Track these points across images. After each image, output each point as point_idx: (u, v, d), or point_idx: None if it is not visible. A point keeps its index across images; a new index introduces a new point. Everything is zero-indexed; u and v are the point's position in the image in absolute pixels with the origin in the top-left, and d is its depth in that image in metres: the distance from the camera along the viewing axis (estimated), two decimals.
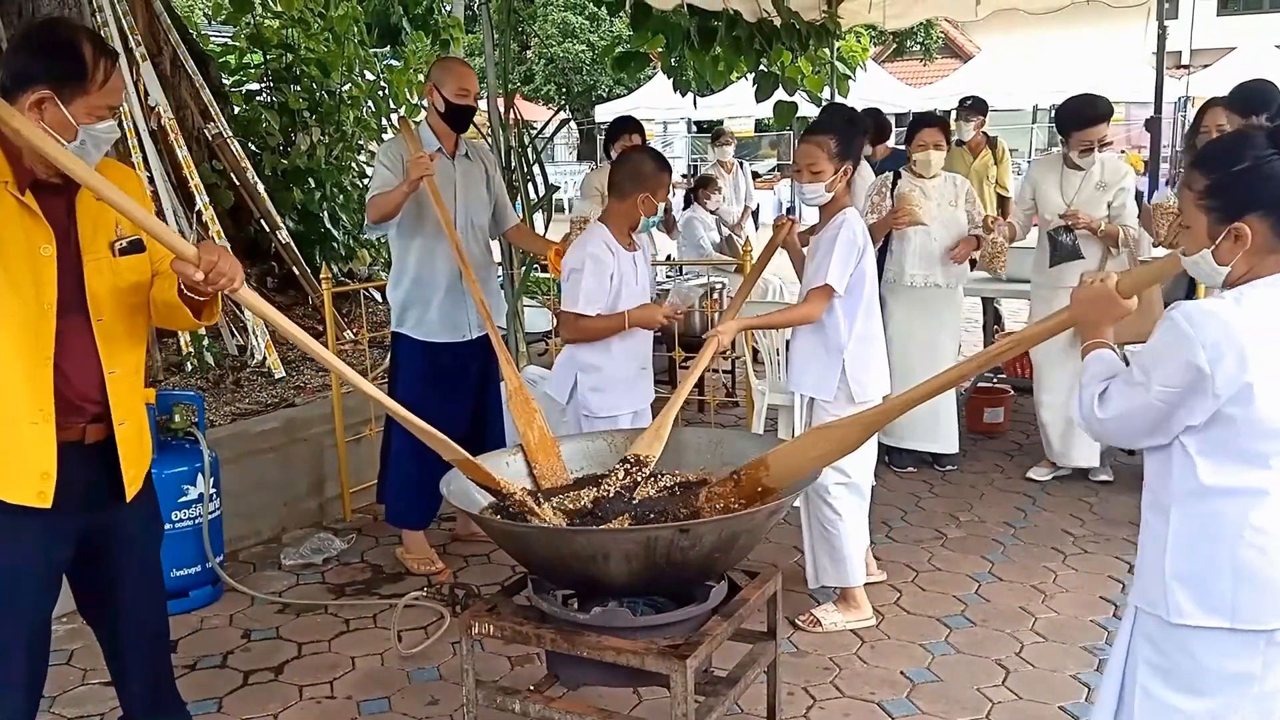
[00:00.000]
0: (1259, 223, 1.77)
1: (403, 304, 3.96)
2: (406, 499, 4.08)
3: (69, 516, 2.16)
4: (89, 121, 2.04)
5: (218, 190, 5.93)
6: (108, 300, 2.17)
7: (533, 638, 2.45)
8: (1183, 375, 1.75)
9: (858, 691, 3.15)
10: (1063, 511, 4.61)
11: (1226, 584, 1.79)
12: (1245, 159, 1.78)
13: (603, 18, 24.95)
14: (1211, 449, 1.79)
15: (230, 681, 3.28)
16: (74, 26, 2.22)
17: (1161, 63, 10.89)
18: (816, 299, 3.34)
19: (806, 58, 6.95)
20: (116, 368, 2.20)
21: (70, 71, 2.02)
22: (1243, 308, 1.75)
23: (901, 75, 23.29)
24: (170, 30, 6.08)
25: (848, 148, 3.35)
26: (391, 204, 3.73)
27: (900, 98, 20.26)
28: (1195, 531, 1.82)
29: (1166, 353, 1.78)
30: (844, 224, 3.33)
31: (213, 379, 5.25)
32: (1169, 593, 1.84)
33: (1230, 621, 1.79)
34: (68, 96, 2.01)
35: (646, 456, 2.84)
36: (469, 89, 3.90)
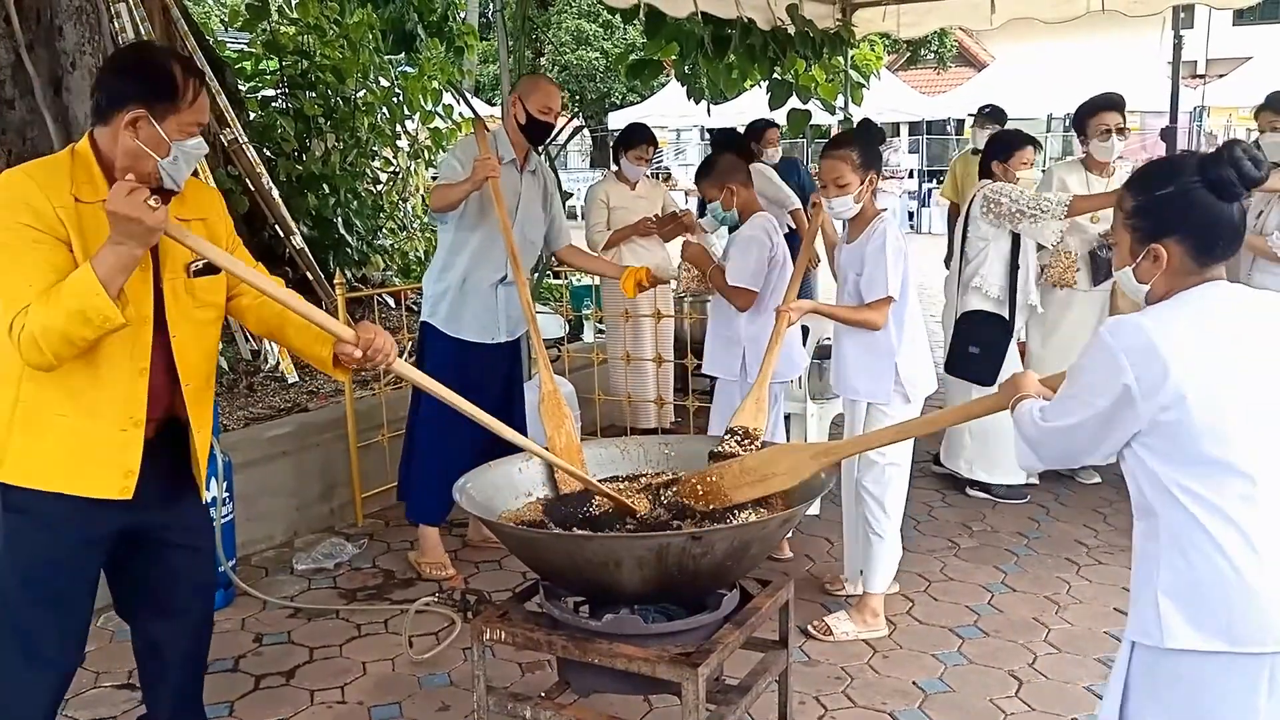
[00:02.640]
0: (1176, 246, 1.81)
1: (440, 297, 4.00)
2: (429, 493, 4.07)
3: (128, 509, 2.22)
4: (180, 138, 2.13)
5: (233, 195, 5.95)
6: (182, 318, 2.26)
7: (544, 644, 2.45)
8: (1111, 386, 1.78)
9: (869, 701, 3.13)
10: (1076, 522, 4.58)
11: (1219, 604, 1.74)
12: (1171, 184, 1.83)
13: (616, 25, 25.00)
14: (1174, 461, 1.78)
15: (242, 686, 3.29)
16: (163, 49, 2.36)
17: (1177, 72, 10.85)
18: (881, 309, 3.37)
19: (820, 66, 6.95)
20: (191, 380, 2.30)
21: (162, 90, 2.10)
22: (1163, 319, 1.79)
23: (915, 84, 23.25)
24: (187, 37, 6.11)
25: (870, 157, 3.40)
26: (454, 197, 3.80)
27: (914, 106, 20.25)
28: (1181, 553, 1.78)
29: (1094, 366, 1.83)
30: (885, 231, 3.38)
31: (226, 383, 5.27)
32: (1161, 616, 1.78)
33: (1229, 645, 1.74)
34: (160, 114, 2.10)
35: (755, 429, 2.95)
36: (552, 107, 4.00)
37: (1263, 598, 1.73)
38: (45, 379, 2.10)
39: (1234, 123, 19.80)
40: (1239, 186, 1.78)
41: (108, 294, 1.95)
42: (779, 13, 6.17)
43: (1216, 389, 1.74)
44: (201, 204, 2.36)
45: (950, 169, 7.86)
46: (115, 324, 1.98)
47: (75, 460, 2.16)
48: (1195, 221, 1.81)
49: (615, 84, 25.77)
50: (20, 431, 2.14)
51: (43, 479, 2.16)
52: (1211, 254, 1.82)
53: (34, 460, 2.15)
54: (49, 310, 1.96)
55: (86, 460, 2.16)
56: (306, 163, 6.85)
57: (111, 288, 1.96)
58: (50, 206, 2.03)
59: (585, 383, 5.54)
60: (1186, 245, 1.81)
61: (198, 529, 2.49)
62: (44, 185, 2.05)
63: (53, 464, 2.15)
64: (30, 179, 2.07)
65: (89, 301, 1.94)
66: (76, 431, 2.15)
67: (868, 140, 3.51)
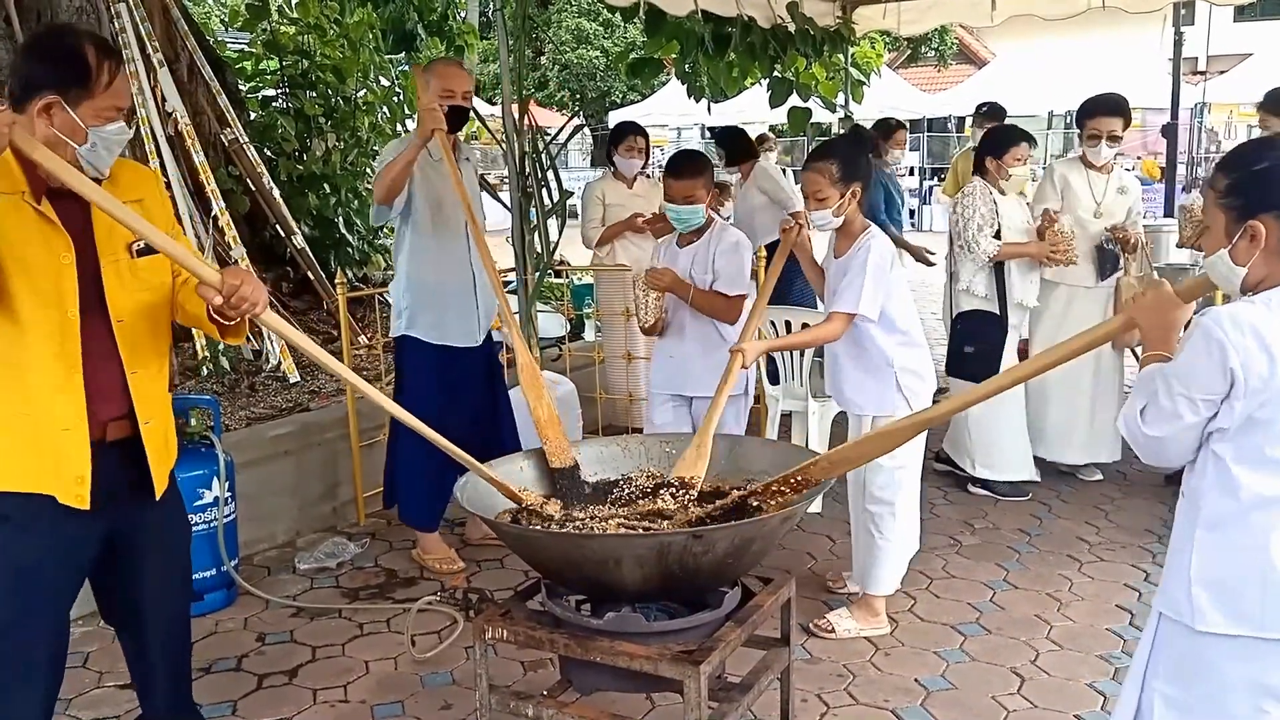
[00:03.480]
0: (1275, 222, 1.78)
1: (415, 307, 3.94)
2: (418, 499, 4.08)
3: (97, 516, 2.18)
4: (97, 124, 2.05)
5: (234, 195, 5.97)
6: (127, 302, 2.19)
7: (546, 643, 2.45)
8: (1219, 382, 1.75)
9: (872, 699, 3.13)
10: (1078, 519, 4.58)
11: (1255, 592, 1.78)
12: (1266, 160, 1.81)
13: (617, 24, 25.01)
14: (1244, 456, 1.78)
15: (244, 685, 3.29)
16: (77, 31, 2.24)
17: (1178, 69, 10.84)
18: (839, 321, 3.32)
19: (821, 64, 6.95)
20: (139, 368, 2.21)
21: (74, 75, 2.03)
22: (1271, 310, 1.75)
23: (916, 81, 23.24)
24: (187, 37, 6.12)
25: (852, 170, 3.31)
26: (398, 166, 3.63)
27: (915, 104, 20.22)
28: (1225, 538, 1.81)
29: (1198, 361, 1.77)
30: (870, 248, 3.30)
31: (228, 383, 5.28)
32: (1194, 598, 1.83)
33: (1258, 630, 1.78)
34: (74, 100, 2.03)
35: (692, 478, 2.79)
36: (453, 89, 3.80)
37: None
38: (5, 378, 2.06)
39: (1235, 119, 19.81)
40: None
41: None
42: (779, 10, 6.17)
43: None
44: (136, 185, 2.26)
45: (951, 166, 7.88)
46: None
47: (38, 459, 2.10)
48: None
49: (615, 83, 25.78)
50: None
51: (12, 479, 2.10)
52: None
53: (4, 460, 2.10)
54: None
55: (46, 460, 2.11)
56: (307, 162, 6.85)
57: None
58: None
59: (587, 381, 5.54)
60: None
61: (166, 527, 2.41)
62: None
63: (20, 464, 2.10)
64: None
65: None
66: (35, 430, 2.10)
67: (850, 151, 3.41)
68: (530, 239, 5.20)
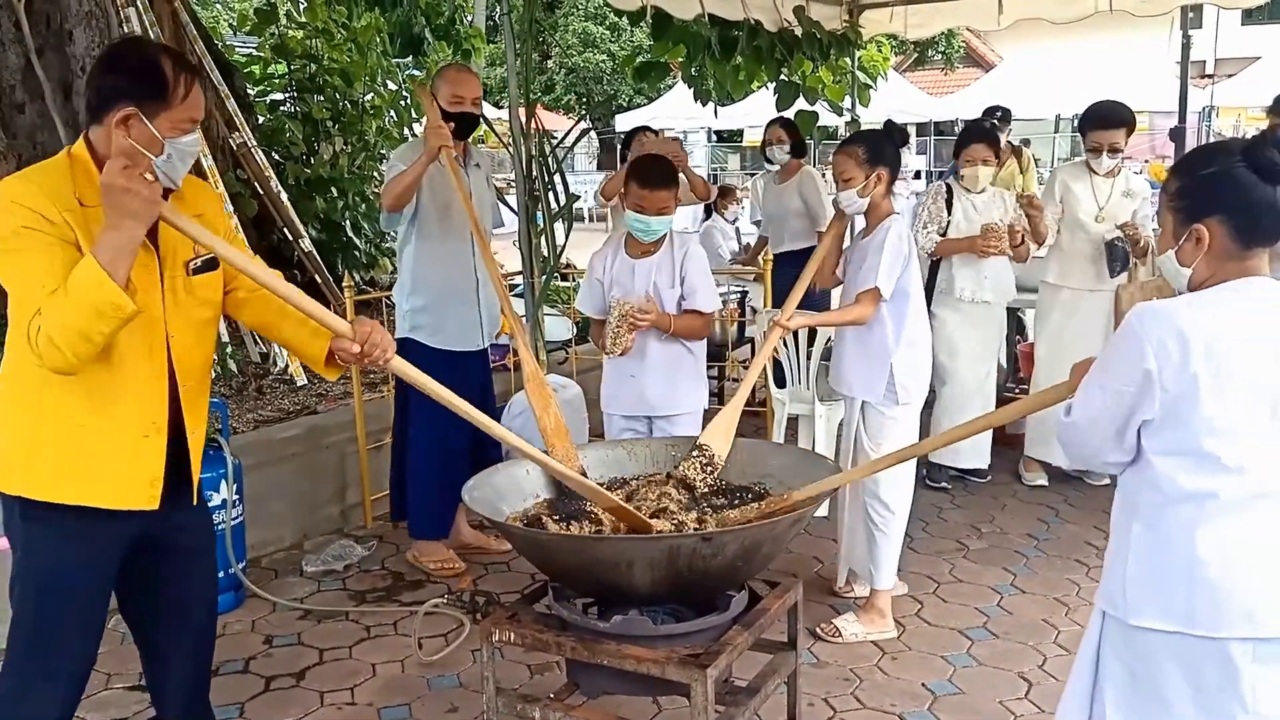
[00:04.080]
0: (1218, 226, 1.82)
1: (420, 311, 3.96)
2: (429, 509, 4.08)
3: (132, 519, 2.20)
4: (173, 135, 2.08)
5: (242, 199, 5.98)
6: (182, 317, 2.22)
7: (553, 646, 2.45)
8: (1134, 374, 1.79)
9: (879, 703, 3.13)
10: (1085, 523, 4.57)
11: (1182, 589, 1.80)
12: (1213, 165, 1.86)
13: (623, 28, 25.03)
14: (1167, 450, 1.81)
15: (252, 687, 3.30)
16: (154, 44, 2.31)
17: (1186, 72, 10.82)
18: (868, 301, 3.38)
19: (827, 67, 6.94)
20: (189, 381, 2.25)
21: (153, 87, 2.05)
22: (1193, 307, 1.80)
23: (923, 85, 23.25)
24: (196, 41, 6.14)
25: (878, 154, 3.41)
26: (407, 180, 3.66)
27: (921, 107, 20.23)
28: (1155, 535, 1.83)
29: (1119, 353, 1.84)
30: (890, 229, 3.39)
31: (236, 386, 5.29)
32: (1127, 595, 1.85)
33: (1186, 627, 1.79)
34: (151, 112, 2.05)
35: (719, 455, 2.89)
36: (463, 95, 3.84)
37: (1224, 587, 1.77)
38: (68, 387, 2.07)
39: (1243, 122, 19.74)
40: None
41: (114, 280, 1.90)
42: (786, 14, 6.17)
43: (1228, 381, 1.76)
44: (199, 202, 2.31)
45: None
46: (127, 311, 1.93)
47: (98, 471, 2.12)
48: (1236, 202, 1.82)
49: (622, 86, 25.80)
50: (48, 443, 2.11)
51: (65, 492, 2.12)
52: (1254, 236, 1.82)
53: (57, 473, 2.12)
54: (62, 309, 1.92)
55: (109, 470, 2.13)
56: (315, 166, 6.87)
57: (117, 274, 1.91)
58: (56, 210, 2.00)
59: (594, 384, 5.53)
60: (1228, 226, 1.82)
61: (201, 531, 2.46)
62: (46, 189, 2.02)
63: (75, 476, 2.12)
64: (31, 183, 2.04)
65: (96, 294, 1.89)
66: (102, 440, 2.12)
67: (879, 138, 3.51)
68: (537, 242, 5.21)
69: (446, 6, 7.98)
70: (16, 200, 2.00)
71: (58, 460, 2.12)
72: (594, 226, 21.42)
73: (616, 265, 3.51)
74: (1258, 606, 1.77)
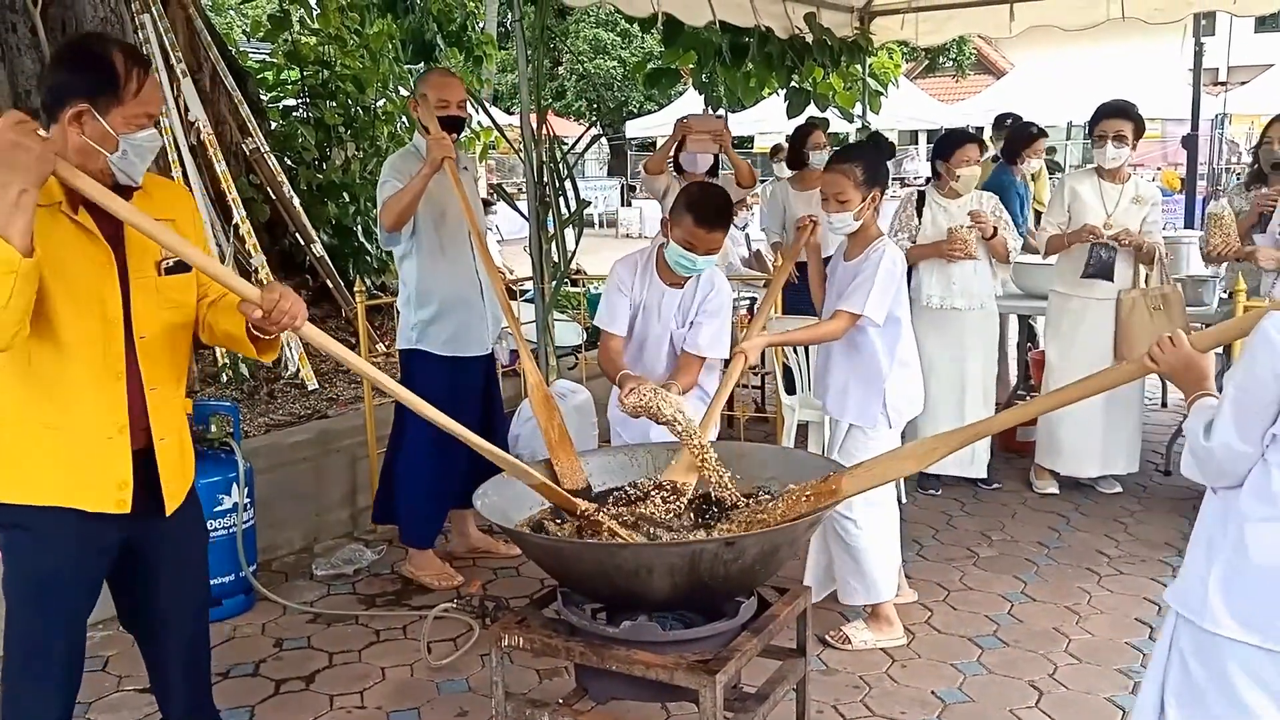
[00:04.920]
0: None
1: (429, 321, 3.95)
2: (419, 516, 4.09)
3: (112, 523, 2.19)
4: (128, 131, 2.05)
5: (254, 204, 6.01)
6: (151, 318, 2.19)
7: (562, 650, 2.45)
8: (1273, 384, 1.75)
9: (888, 711, 3.12)
10: (1097, 531, 4.55)
11: (1267, 600, 1.77)
12: None
13: (634, 34, 25.08)
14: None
15: (262, 690, 3.31)
16: (105, 39, 2.23)
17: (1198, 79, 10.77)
18: (843, 319, 3.33)
19: (838, 74, 6.95)
20: (157, 384, 2.22)
21: (104, 83, 2.02)
22: None
23: (934, 92, 23.22)
24: (210, 47, 6.18)
25: (874, 174, 3.34)
26: (410, 196, 3.66)
27: (932, 114, 20.20)
28: (1249, 543, 1.80)
29: (1257, 362, 1.78)
30: (884, 254, 3.33)
31: (247, 390, 5.31)
32: (1208, 600, 1.83)
33: (1262, 640, 1.77)
34: (104, 107, 2.02)
35: (683, 484, 2.77)
36: (449, 99, 3.84)
37: None
38: (29, 391, 2.06)
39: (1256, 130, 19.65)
40: None
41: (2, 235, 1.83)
42: (797, 21, 6.18)
43: None
44: (170, 204, 2.27)
45: None
46: (16, 264, 1.85)
47: (68, 473, 2.12)
48: None
49: (633, 92, 25.84)
50: (10, 447, 2.11)
51: (37, 493, 2.12)
52: None
53: (26, 475, 2.11)
54: None
55: (80, 473, 2.12)
56: (327, 171, 6.90)
57: (8, 230, 1.84)
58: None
59: (603, 389, 5.54)
60: None
61: (186, 538, 2.41)
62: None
63: (46, 478, 2.11)
64: None
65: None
66: (67, 443, 2.11)
67: (873, 156, 3.44)
68: (548, 248, 5.22)
69: (458, 13, 8.01)
70: None
71: (25, 462, 2.12)
72: (604, 232, 21.45)
73: (649, 290, 3.37)
74: None
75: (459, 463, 3.93)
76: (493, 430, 4.17)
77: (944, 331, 4.80)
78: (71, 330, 2.08)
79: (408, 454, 4.02)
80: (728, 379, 3.20)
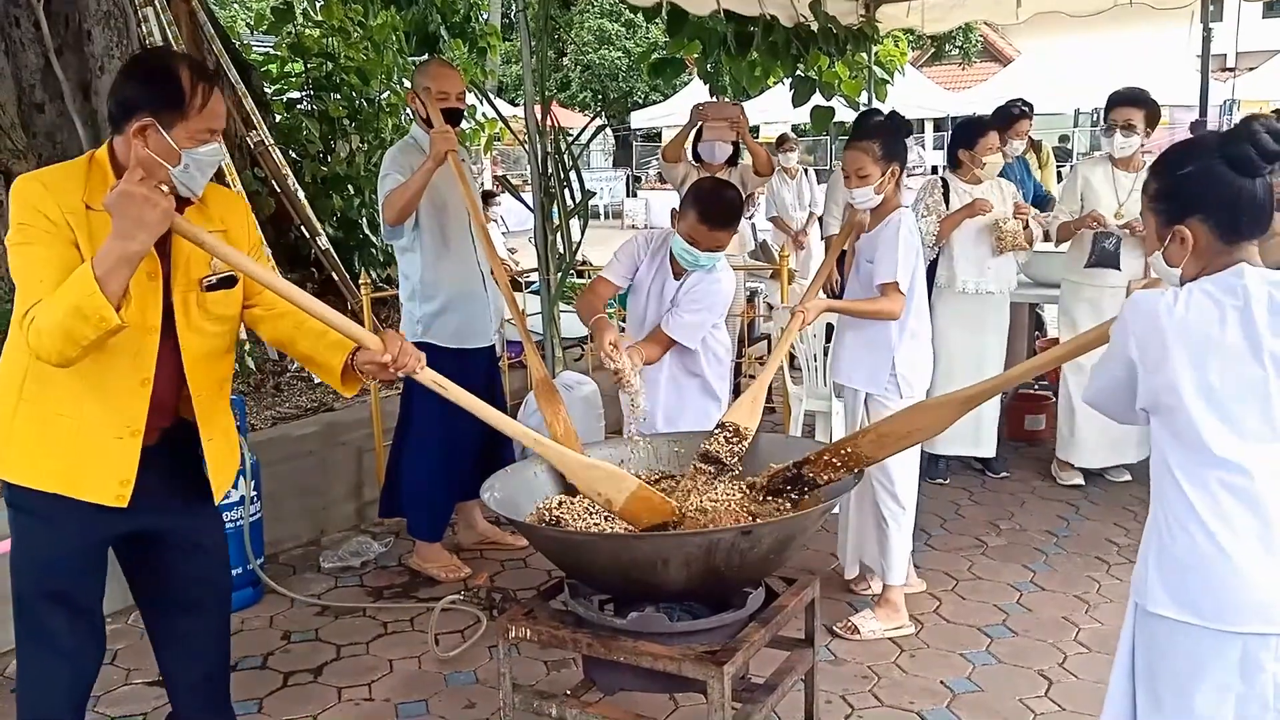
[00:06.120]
0: (1200, 226, 1.81)
1: (435, 314, 3.93)
2: (427, 510, 4.08)
3: (125, 515, 2.20)
4: (190, 145, 2.08)
5: (259, 197, 6.01)
6: (191, 330, 2.22)
7: (569, 642, 2.45)
8: (1122, 361, 1.84)
9: (897, 700, 3.11)
10: (1106, 520, 4.53)
11: (1197, 579, 1.78)
12: (1190, 164, 1.83)
13: (639, 24, 25.04)
14: (1170, 436, 1.81)
15: (270, 682, 3.32)
16: (173, 54, 2.28)
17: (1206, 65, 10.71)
18: (892, 295, 3.35)
19: (844, 62, 6.92)
20: (201, 391, 2.25)
21: (169, 97, 2.06)
22: (1179, 300, 1.78)
23: (940, 79, 23.11)
24: (214, 40, 6.17)
25: (893, 149, 3.38)
26: (413, 190, 3.64)
27: (939, 102, 20.11)
28: (1171, 520, 1.82)
29: (1115, 338, 1.88)
30: (901, 223, 3.37)
31: (254, 383, 5.31)
32: (1148, 579, 1.84)
33: (1199, 618, 1.77)
34: (168, 122, 2.05)
35: (745, 428, 2.86)
36: (449, 91, 3.82)
37: (1237, 581, 1.75)
38: (49, 378, 2.09)
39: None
40: (1258, 161, 1.77)
41: (104, 291, 1.88)
42: (802, 9, 6.14)
43: (1219, 376, 1.74)
44: (224, 215, 2.30)
45: None
46: (111, 324, 1.91)
47: (72, 463, 2.14)
48: (1216, 199, 1.80)
49: (638, 83, 25.83)
50: (22, 429, 2.14)
51: (41, 479, 2.15)
52: (1237, 232, 1.80)
53: (34, 459, 2.15)
54: (53, 306, 1.93)
55: (83, 464, 2.14)
56: (331, 164, 6.89)
57: (110, 285, 1.89)
58: (59, 211, 2.02)
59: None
60: (1210, 224, 1.80)
61: (205, 531, 2.43)
62: (52, 189, 2.04)
63: (51, 464, 2.14)
64: (38, 182, 2.06)
65: (85, 300, 1.88)
66: (74, 434, 2.13)
67: (891, 132, 3.47)
68: (553, 239, 5.21)
69: (462, 4, 7.99)
70: (21, 196, 2.04)
71: (36, 447, 2.15)
72: (609, 223, 21.44)
73: (657, 272, 3.41)
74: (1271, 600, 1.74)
75: (466, 455, 3.93)
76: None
77: (974, 315, 4.84)
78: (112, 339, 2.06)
79: (414, 447, 4.02)
80: (785, 337, 3.29)
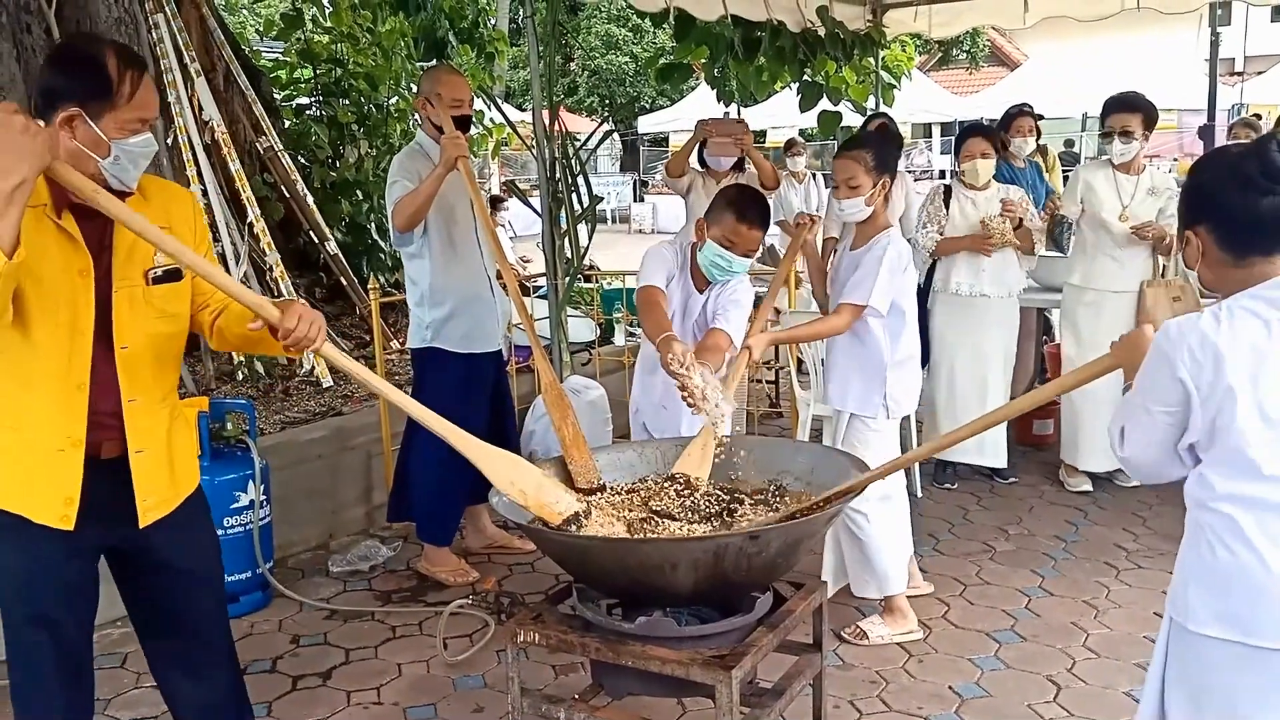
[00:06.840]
0: (1207, 235, 1.83)
1: (444, 320, 3.93)
2: (435, 514, 4.09)
3: (87, 532, 2.11)
4: (120, 136, 1.98)
5: (268, 203, 6.04)
6: (134, 329, 2.11)
7: (577, 646, 2.45)
8: (1172, 392, 1.76)
9: (905, 706, 3.11)
10: (1115, 525, 4.52)
11: (1242, 597, 1.75)
12: (1203, 173, 1.89)
13: (646, 29, 25.06)
14: (1213, 455, 1.78)
15: (279, 686, 3.33)
16: (100, 41, 2.14)
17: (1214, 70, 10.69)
18: (848, 312, 3.31)
19: (851, 67, 6.93)
20: (138, 396, 2.13)
21: (95, 86, 1.96)
22: (1221, 321, 1.75)
23: (947, 84, 23.11)
24: (224, 47, 6.21)
25: (884, 161, 3.34)
26: (424, 197, 3.64)
27: (946, 107, 20.11)
28: (1213, 537, 1.79)
29: (1153, 373, 1.81)
30: (889, 244, 3.32)
31: (263, 387, 5.33)
32: (1188, 598, 1.82)
33: (1245, 636, 1.75)
34: (96, 112, 1.96)
35: (696, 479, 2.75)
36: (461, 98, 3.82)
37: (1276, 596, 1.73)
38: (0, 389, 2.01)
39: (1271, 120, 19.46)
40: (1260, 181, 1.75)
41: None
42: (809, 14, 6.15)
43: (1267, 393, 1.71)
44: (167, 209, 2.17)
45: None
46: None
47: (20, 478, 2.05)
48: (1219, 212, 1.81)
49: (645, 88, 25.84)
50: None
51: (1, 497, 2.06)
52: (1242, 247, 1.79)
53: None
54: None
55: (29, 480, 2.05)
56: (340, 169, 6.92)
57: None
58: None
59: (617, 385, 5.55)
60: (1216, 235, 1.81)
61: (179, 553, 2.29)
62: None
63: (3, 482, 2.05)
64: None
65: None
66: (16, 447, 2.04)
67: (884, 143, 3.45)
68: (561, 244, 5.23)
69: (470, 10, 8.02)
70: None
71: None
72: (617, 228, 21.46)
73: (682, 288, 3.33)
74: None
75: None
76: (503, 424, 4.19)
77: (969, 319, 4.82)
78: (40, 338, 2.01)
79: (422, 451, 4.02)
80: (733, 374, 3.16)
